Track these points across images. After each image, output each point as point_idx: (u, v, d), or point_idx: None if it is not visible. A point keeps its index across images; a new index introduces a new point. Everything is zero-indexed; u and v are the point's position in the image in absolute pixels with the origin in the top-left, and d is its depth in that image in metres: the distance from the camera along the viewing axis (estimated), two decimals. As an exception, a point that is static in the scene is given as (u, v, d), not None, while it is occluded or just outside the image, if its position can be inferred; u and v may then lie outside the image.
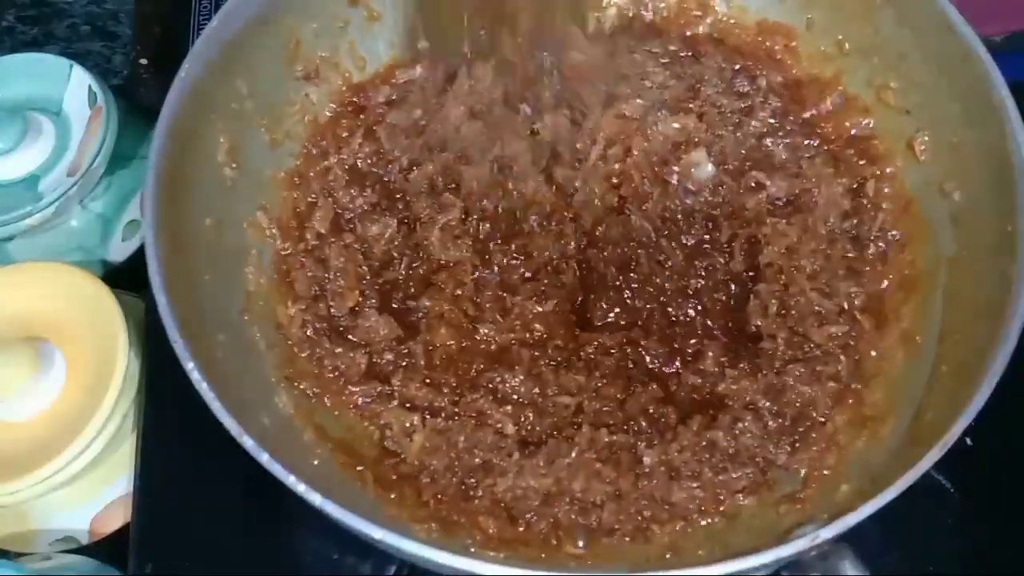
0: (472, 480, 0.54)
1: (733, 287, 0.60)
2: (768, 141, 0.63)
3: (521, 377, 0.57)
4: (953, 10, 0.55)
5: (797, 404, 0.55)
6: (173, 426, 0.60)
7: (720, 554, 0.50)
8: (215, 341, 0.52)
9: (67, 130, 0.69)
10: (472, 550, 0.51)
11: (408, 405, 0.56)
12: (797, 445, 0.54)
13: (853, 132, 0.62)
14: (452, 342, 0.59)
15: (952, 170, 0.57)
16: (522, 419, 0.56)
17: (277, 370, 0.56)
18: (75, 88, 0.70)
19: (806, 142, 0.63)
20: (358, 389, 0.57)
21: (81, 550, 0.63)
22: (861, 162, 0.61)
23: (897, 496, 0.44)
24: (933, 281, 0.56)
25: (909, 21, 0.58)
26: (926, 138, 0.59)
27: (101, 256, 0.73)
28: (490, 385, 0.57)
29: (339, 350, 0.57)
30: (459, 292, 0.60)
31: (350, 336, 0.59)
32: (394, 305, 0.60)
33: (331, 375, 0.57)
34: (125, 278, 0.68)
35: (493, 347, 0.59)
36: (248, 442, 0.45)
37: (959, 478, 0.57)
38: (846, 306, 0.58)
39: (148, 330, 0.62)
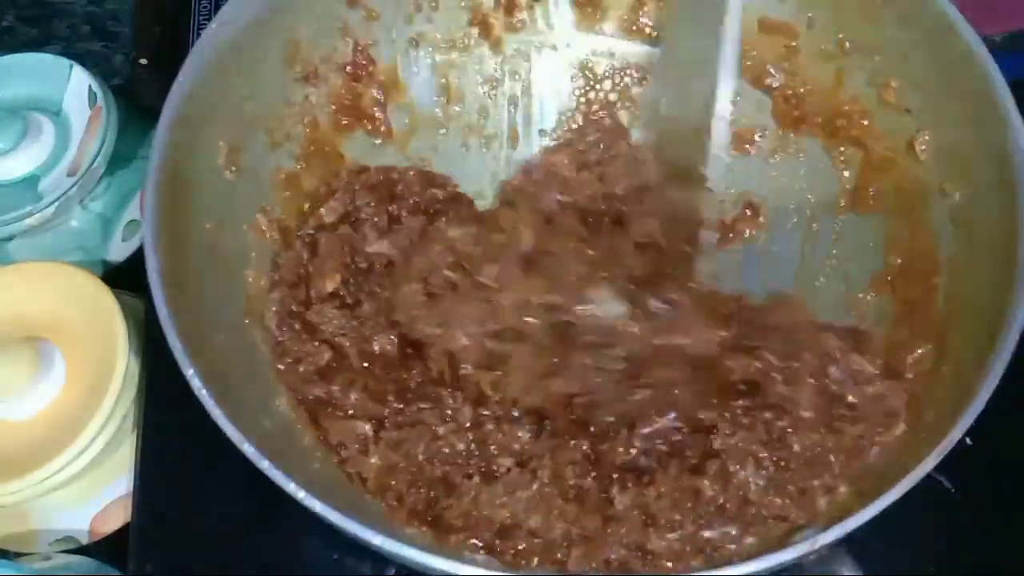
0: (435, 493, 0.53)
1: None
2: None
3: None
4: (954, 10, 0.55)
5: (806, 455, 0.52)
6: (173, 426, 0.60)
7: (716, 558, 0.50)
8: (215, 344, 0.51)
9: (67, 130, 0.69)
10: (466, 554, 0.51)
11: (352, 412, 0.55)
12: (804, 495, 0.51)
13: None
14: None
15: (952, 170, 0.57)
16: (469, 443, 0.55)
17: (277, 374, 0.56)
18: (75, 88, 0.70)
19: None
20: (310, 388, 0.56)
21: (81, 550, 0.63)
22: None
23: (897, 497, 0.44)
24: (934, 281, 0.56)
25: (910, 20, 0.58)
26: (927, 137, 0.58)
27: (101, 256, 0.73)
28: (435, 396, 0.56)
29: (304, 337, 0.57)
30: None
31: (320, 327, 0.58)
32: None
33: (291, 362, 0.56)
34: (125, 278, 0.67)
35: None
36: (249, 449, 0.45)
37: (959, 478, 0.57)
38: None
39: (148, 330, 0.62)
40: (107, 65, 0.86)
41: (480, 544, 0.52)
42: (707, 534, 0.51)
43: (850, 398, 0.54)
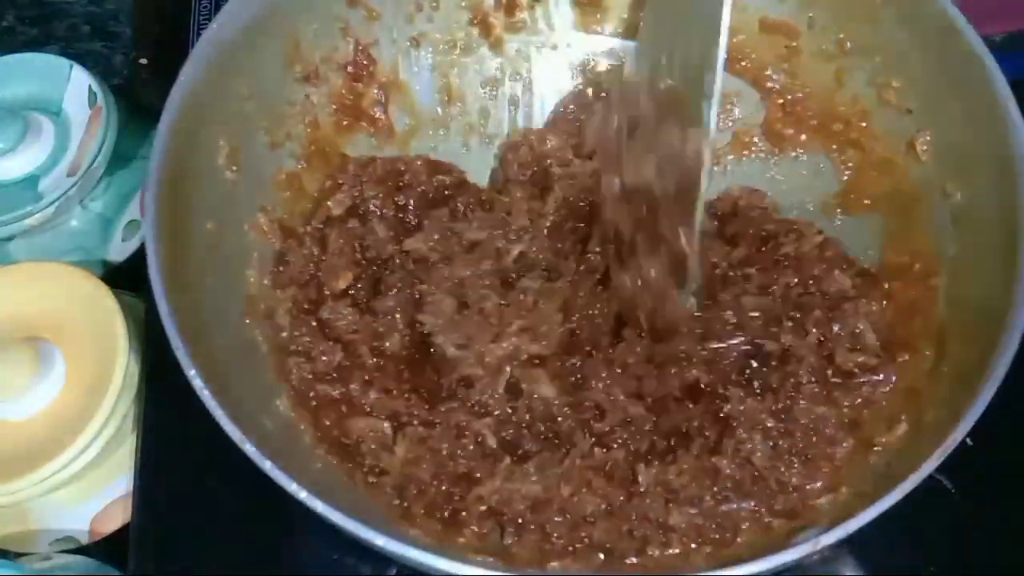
0: (456, 489, 0.53)
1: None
2: None
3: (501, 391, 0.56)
4: (955, 10, 0.55)
5: (809, 427, 0.54)
6: (173, 426, 0.60)
7: (719, 558, 0.50)
8: (216, 344, 0.51)
9: (67, 130, 0.69)
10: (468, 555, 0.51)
11: (370, 411, 0.55)
12: (809, 462, 0.53)
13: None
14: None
15: (953, 170, 0.57)
16: (503, 433, 0.55)
17: (280, 373, 0.56)
18: (75, 88, 0.70)
19: None
20: (321, 387, 0.56)
21: (81, 550, 0.63)
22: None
23: (899, 498, 0.44)
24: (934, 281, 0.56)
25: (910, 20, 0.58)
26: (927, 138, 0.58)
27: (101, 256, 0.73)
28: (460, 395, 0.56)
29: (319, 335, 0.57)
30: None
31: (334, 324, 0.58)
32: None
33: (304, 361, 0.56)
34: (125, 278, 0.68)
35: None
36: (250, 449, 0.45)
37: (959, 478, 0.57)
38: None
39: (148, 330, 0.62)
40: (107, 65, 0.86)
41: (507, 521, 0.52)
42: (724, 508, 0.52)
43: (838, 360, 0.55)
